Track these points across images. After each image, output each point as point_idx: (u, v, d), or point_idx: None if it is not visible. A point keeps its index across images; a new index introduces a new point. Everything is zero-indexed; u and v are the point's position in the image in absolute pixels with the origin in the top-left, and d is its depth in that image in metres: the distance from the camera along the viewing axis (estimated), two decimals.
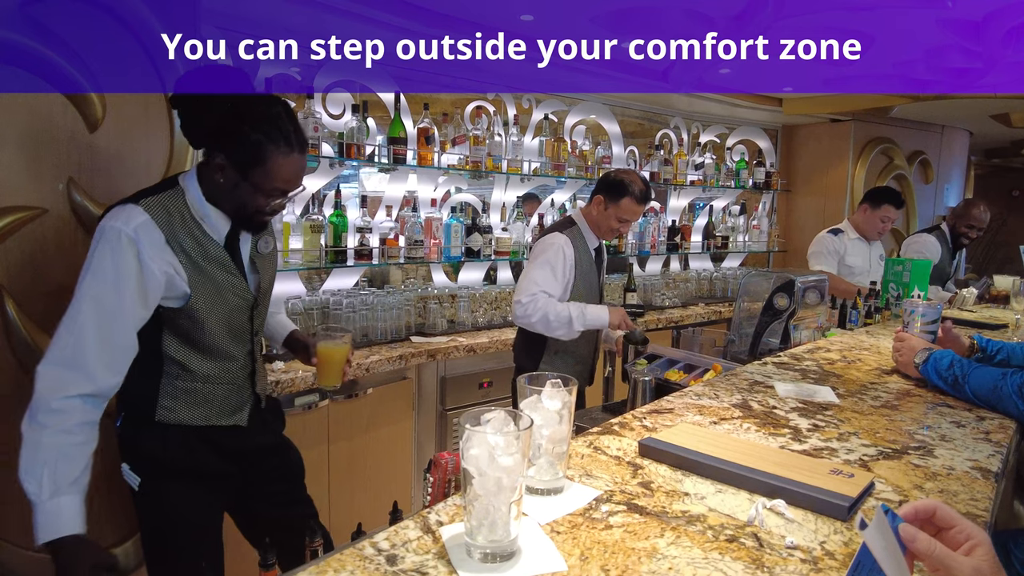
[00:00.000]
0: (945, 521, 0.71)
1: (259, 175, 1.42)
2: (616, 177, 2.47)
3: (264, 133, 1.39)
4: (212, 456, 1.57)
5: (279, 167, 1.42)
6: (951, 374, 1.68)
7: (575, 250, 2.47)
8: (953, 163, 6.03)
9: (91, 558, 1.34)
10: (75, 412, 1.34)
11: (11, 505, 1.70)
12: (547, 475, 1.06)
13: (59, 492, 1.32)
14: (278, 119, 1.41)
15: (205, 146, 1.46)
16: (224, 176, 1.43)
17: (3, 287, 1.64)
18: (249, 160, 1.40)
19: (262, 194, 1.44)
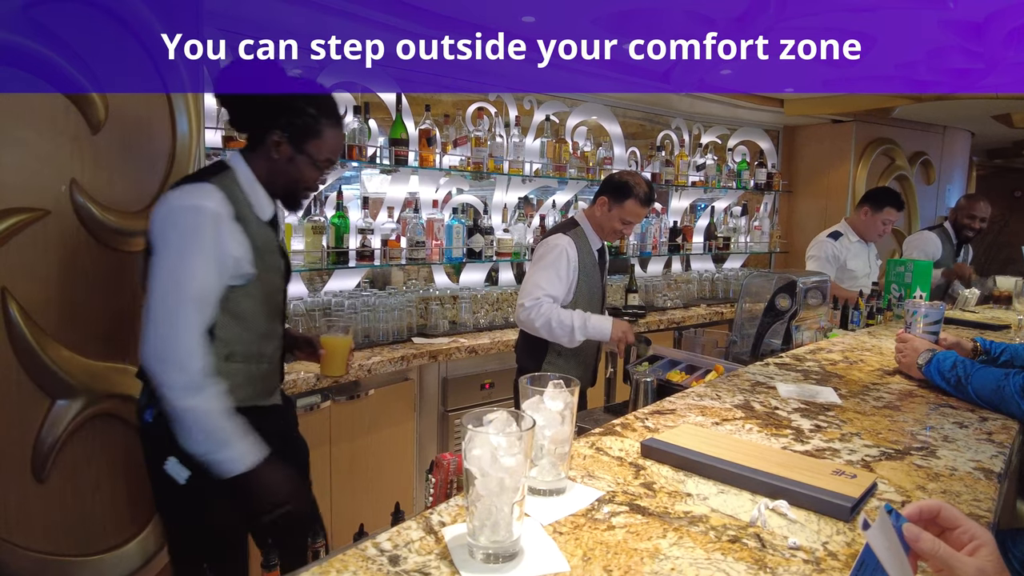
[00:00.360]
0: (949, 521, 0.71)
1: (313, 147, 1.59)
2: (620, 179, 2.47)
3: (319, 109, 1.59)
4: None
5: (329, 139, 1.62)
6: (954, 375, 1.67)
7: (578, 251, 2.46)
8: (955, 164, 6.03)
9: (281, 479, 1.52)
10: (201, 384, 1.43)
11: (12, 506, 1.70)
12: (549, 476, 1.06)
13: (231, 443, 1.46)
14: (329, 99, 1.64)
15: (259, 128, 1.59)
16: (279, 151, 1.58)
17: (6, 289, 1.64)
18: (307, 133, 1.58)
19: (314, 166, 1.61)
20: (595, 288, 2.57)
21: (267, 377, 1.69)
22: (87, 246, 1.77)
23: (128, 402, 1.85)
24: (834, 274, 3.66)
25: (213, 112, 2.55)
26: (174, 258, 1.44)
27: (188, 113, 1.91)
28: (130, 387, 1.85)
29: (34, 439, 1.72)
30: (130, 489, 1.90)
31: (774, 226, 5.18)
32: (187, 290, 1.42)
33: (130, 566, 1.90)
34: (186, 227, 1.45)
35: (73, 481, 1.80)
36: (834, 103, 4.64)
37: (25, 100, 1.65)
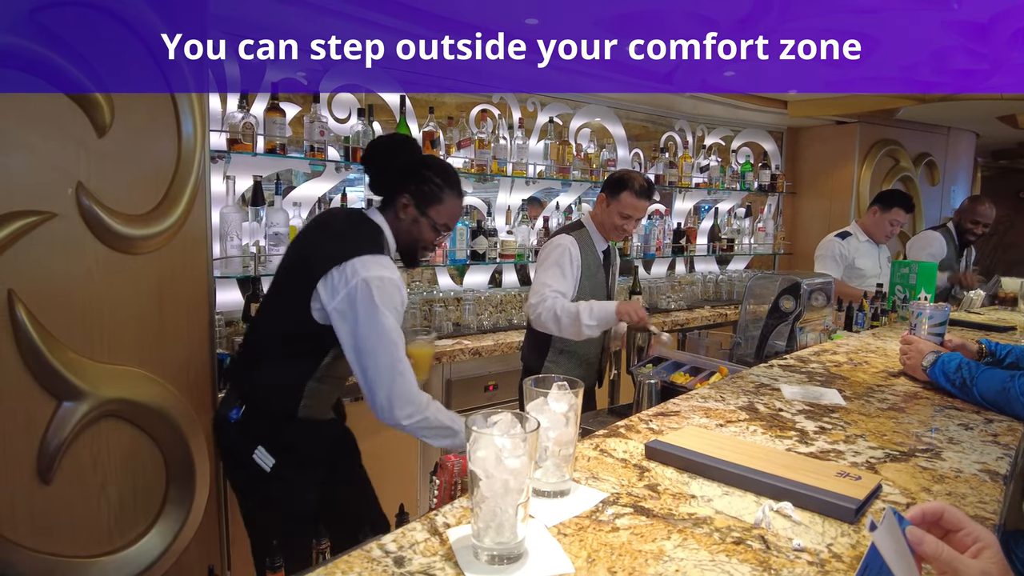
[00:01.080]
0: (953, 523, 0.71)
1: (435, 211, 1.81)
2: (617, 175, 2.49)
3: (443, 179, 1.81)
4: (319, 442, 1.85)
5: (450, 206, 1.83)
6: (959, 376, 1.67)
7: (581, 250, 2.48)
8: (959, 165, 6.01)
9: None
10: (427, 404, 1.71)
11: (18, 507, 1.71)
12: (554, 477, 1.06)
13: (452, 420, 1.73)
14: (452, 171, 1.85)
15: (395, 191, 1.80)
16: (406, 212, 1.80)
17: (13, 291, 1.65)
18: (430, 199, 1.80)
19: (433, 228, 1.82)
20: (599, 288, 2.57)
21: (338, 392, 1.93)
22: (93, 248, 1.78)
23: (135, 404, 1.86)
24: (841, 273, 3.66)
25: (218, 115, 2.56)
26: (379, 319, 1.65)
27: (193, 116, 1.92)
28: (135, 390, 1.86)
29: (40, 441, 1.73)
30: (136, 491, 1.91)
31: (778, 227, 5.18)
32: (396, 343, 1.67)
33: (135, 567, 1.91)
34: (382, 294, 1.66)
35: (79, 483, 1.81)
36: (838, 104, 4.63)
37: (32, 104, 1.66)
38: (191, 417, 1.97)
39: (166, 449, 1.95)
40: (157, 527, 1.95)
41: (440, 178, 1.80)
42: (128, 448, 1.89)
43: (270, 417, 1.75)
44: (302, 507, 1.79)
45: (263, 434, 1.74)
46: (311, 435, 1.80)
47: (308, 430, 1.79)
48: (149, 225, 1.86)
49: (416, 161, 1.81)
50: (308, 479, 1.81)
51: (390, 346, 1.66)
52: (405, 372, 1.68)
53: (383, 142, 1.85)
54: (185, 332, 1.98)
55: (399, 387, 1.66)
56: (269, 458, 1.73)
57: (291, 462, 1.75)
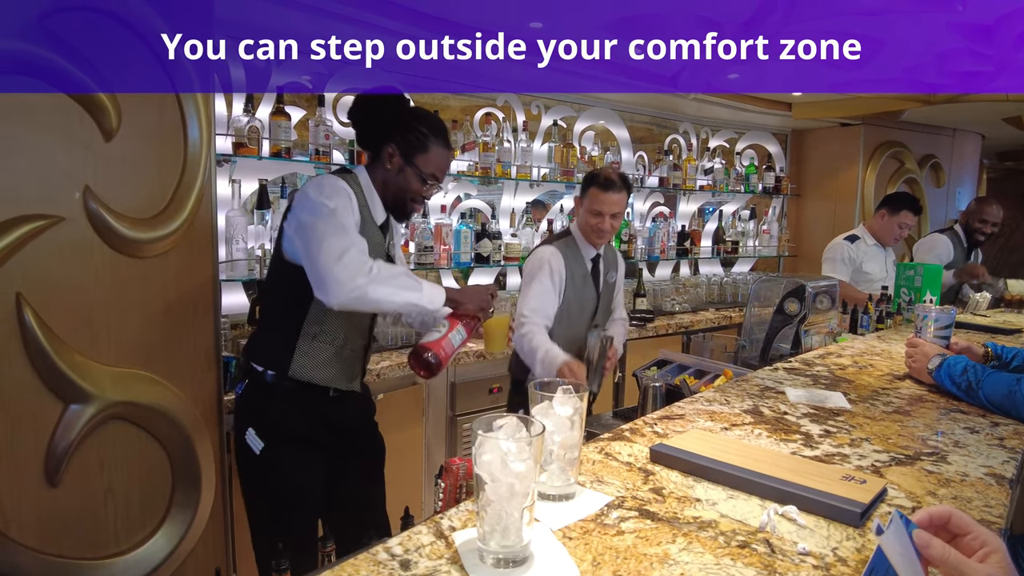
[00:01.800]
0: (960, 528, 0.71)
1: (421, 160, 1.80)
2: (589, 173, 2.45)
3: (429, 128, 1.81)
4: (324, 426, 1.82)
5: (436, 156, 1.82)
6: (965, 380, 1.66)
7: (565, 260, 2.38)
8: (965, 166, 5.99)
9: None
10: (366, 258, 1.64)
11: (26, 509, 1.72)
12: (559, 481, 1.06)
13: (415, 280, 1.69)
14: (440, 122, 1.86)
15: (379, 141, 1.81)
16: (392, 162, 1.80)
17: (21, 294, 1.66)
18: (416, 147, 1.79)
19: (421, 178, 1.81)
20: (587, 298, 2.47)
21: (349, 363, 1.86)
22: (100, 252, 1.79)
23: (141, 407, 1.87)
24: (849, 276, 3.65)
25: (223, 119, 2.57)
26: (315, 203, 1.64)
27: (199, 120, 1.93)
28: (141, 392, 1.87)
29: (47, 443, 1.73)
30: (142, 493, 1.92)
31: (783, 230, 5.17)
32: (332, 222, 1.61)
33: (142, 570, 1.91)
34: (326, 186, 1.67)
35: (86, 485, 1.81)
36: (842, 106, 4.63)
37: (40, 108, 1.67)
38: (197, 420, 1.97)
39: (172, 452, 1.96)
40: (163, 530, 1.95)
41: (426, 127, 1.80)
42: (134, 451, 1.89)
43: (265, 387, 1.76)
44: (291, 494, 1.75)
45: (255, 409, 1.76)
46: (303, 407, 1.77)
47: (300, 400, 1.76)
48: (155, 229, 1.87)
49: (403, 111, 1.82)
50: (299, 461, 1.77)
51: (321, 218, 1.62)
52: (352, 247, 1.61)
53: (370, 95, 1.85)
54: (191, 335, 1.99)
55: (348, 257, 1.58)
56: (258, 441, 1.74)
57: (280, 441, 1.74)
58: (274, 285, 1.85)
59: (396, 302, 1.64)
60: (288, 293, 1.75)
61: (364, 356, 1.94)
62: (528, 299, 2.32)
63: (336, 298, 1.58)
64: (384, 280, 1.60)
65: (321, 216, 1.63)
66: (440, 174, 1.85)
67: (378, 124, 1.82)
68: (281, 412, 1.76)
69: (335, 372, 1.82)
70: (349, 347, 1.84)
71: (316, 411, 1.80)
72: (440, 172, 1.85)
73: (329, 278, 1.57)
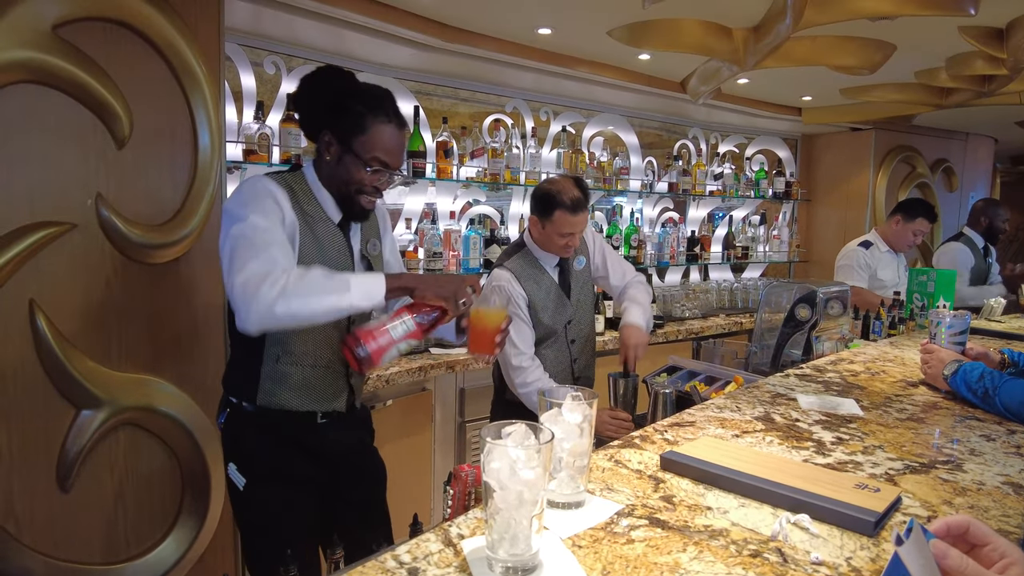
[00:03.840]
0: (978, 538, 0.69)
1: (360, 144, 1.53)
2: (544, 190, 2.11)
3: (365, 104, 1.53)
4: (306, 459, 1.62)
5: (378, 135, 1.53)
6: (981, 386, 1.64)
7: (524, 279, 2.15)
8: (978, 171, 5.94)
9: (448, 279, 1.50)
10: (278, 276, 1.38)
11: (38, 514, 1.73)
12: (568, 489, 1.05)
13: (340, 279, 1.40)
14: (380, 96, 1.56)
15: (318, 128, 1.57)
16: (330, 152, 1.56)
17: (34, 301, 1.68)
18: (352, 129, 1.53)
19: (362, 164, 1.54)
20: (560, 309, 2.23)
21: (327, 382, 1.62)
22: (112, 259, 1.80)
23: (151, 413, 1.88)
24: (866, 283, 3.62)
25: (234, 126, 2.59)
26: (230, 215, 1.45)
27: (210, 128, 1.95)
28: (153, 398, 1.88)
29: (59, 449, 1.75)
30: (152, 499, 1.93)
31: (793, 235, 5.14)
32: (251, 237, 1.40)
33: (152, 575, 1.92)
34: (244, 192, 1.48)
35: (96, 490, 1.82)
36: (853, 111, 4.60)
37: (53, 117, 1.69)
38: (206, 426, 1.98)
39: (182, 458, 1.97)
40: (173, 535, 1.96)
41: (361, 103, 1.52)
42: (145, 456, 1.90)
43: (244, 418, 1.58)
44: (279, 535, 1.57)
45: (235, 443, 1.61)
46: (282, 438, 1.58)
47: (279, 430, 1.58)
48: (166, 235, 1.88)
49: (340, 90, 1.54)
50: (284, 500, 1.58)
51: (239, 235, 1.40)
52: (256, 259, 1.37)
53: (309, 75, 1.60)
54: (201, 341, 2.00)
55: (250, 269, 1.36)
56: (240, 477, 1.58)
57: (262, 478, 1.57)
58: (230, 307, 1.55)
59: (319, 311, 1.37)
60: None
61: (346, 371, 1.67)
62: (511, 340, 2.07)
63: (246, 322, 1.35)
64: (297, 290, 1.34)
65: (232, 230, 1.43)
66: (388, 156, 1.55)
67: (314, 109, 1.58)
68: (259, 445, 1.59)
69: (310, 395, 1.60)
70: (322, 365, 1.61)
71: (298, 441, 1.61)
72: (388, 154, 1.55)
73: (235, 299, 1.37)
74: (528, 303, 2.14)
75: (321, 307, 1.37)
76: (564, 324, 2.26)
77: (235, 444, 1.61)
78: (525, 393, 2.11)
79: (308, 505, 1.64)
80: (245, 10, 2.42)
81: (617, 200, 4.42)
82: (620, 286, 2.42)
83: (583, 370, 2.35)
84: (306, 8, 2.49)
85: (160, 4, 1.81)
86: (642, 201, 4.36)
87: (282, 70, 2.74)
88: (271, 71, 2.72)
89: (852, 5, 2.39)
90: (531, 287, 2.15)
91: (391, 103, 1.57)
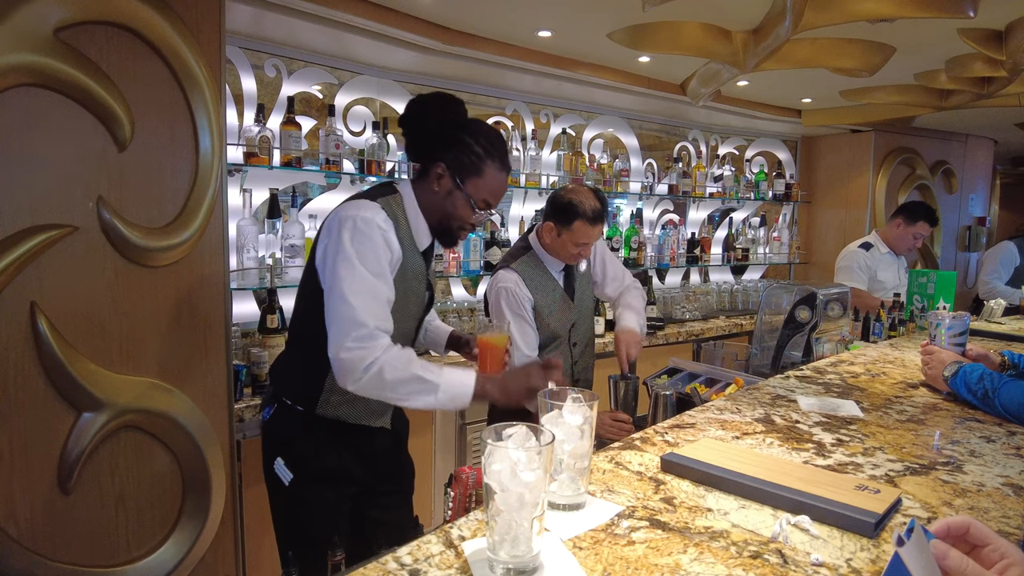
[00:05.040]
0: (979, 539, 0.69)
1: (472, 185, 1.58)
2: (564, 198, 2.11)
3: (484, 147, 1.58)
4: (353, 459, 1.68)
5: (492, 180, 1.59)
6: (981, 388, 1.64)
7: (531, 282, 2.15)
8: (978, 172, 5.95)
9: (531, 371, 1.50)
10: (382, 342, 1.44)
11: (38, 517, 1.73)
12: (569, 490, 1.05)
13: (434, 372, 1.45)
14: (498, 139, 1.61)
15: (427, 155, 1.61)
16: (440, 184, 1.59)
17: (36, 303, 1.68)
18: (468, 169, 1.57)
19: (470, 204, 1.59)
20: (564, 314, 2.23)
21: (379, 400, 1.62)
22: (113, 261, 1.80)
23: (152, 415, 1.88)
24: (866, 285, 3.63)
25: (234, 129, 2.60)
26: (340, 261, 1.46)
27: (211, 130, 1.95)
28: (154, 400, 1.88)
29: (60, 451, 1.75)
30: (153, 501, 1.93)
31: (793, 237, 5.14)
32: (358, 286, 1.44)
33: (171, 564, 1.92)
34: (350, 235, 1.47)
35: (97, 493, 1.82)
36: (853, 113, 4.61)
37: (55, 119, 1.69)
38: (207, 428, 1.98)
39: (183, 460, 1.97)
40: (173, 537, 1.96)
41: (482, 145, 1.57)
42: (146, 459, 1.90)
43: (294, 417, 1.64)
44: (317, 532, 1.63)
45: (285, 439, 1.66)
46: (333, 444, 1.65)
47: (331, 435, 1.64)
48: (167, 238, 1.88)
49: (456, 123, 1.58)
50: (328, 499, 1.65)
51: (345, 289, 1.43)
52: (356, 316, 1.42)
53: (422, 99, 1.61)
54: (202, 343, 2.00)
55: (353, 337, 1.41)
56: (287, 472, 1.63)
57: (309, 477, 1.64)
58: (304, 308, 1.64)
59: (406, 404, 1.48)
60: (320, 322, 1.50)
61: None
62: (516, 343, 2.08)
63: (342, 383, 1.46)
64: (384, 384, 1.42)
65: (340, 268, 1.45)
66: (495, 199, 1.62)
67: (427, 135, 1.59)
68: (312, 446, 1.64)
69: (363, 411, 1.67)
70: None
71: (348, 445, 1.68)
72: (495, 197, 1.62)
73: (334, 361, 1.44)
74: (533, 306, 2.14)
75: (407, 403, 1.47)
76: (568, 327, 2.26)
77: (283, 441, 1.66)
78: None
79: (347, 506, 1.71)
80: (246, 13, 2.42)
81: (617, 202, 4.42)
82: (617, 291, 2.44)
83: (582, 372, 2.35)
84: (307, 11, 2.49)
85: (161, 7, 1.81)
86: (642, 203, 4.36)
87: (283, 73, 2.75)
88: (272, 74, 2.73)
89: (851, 7, 2.40)
90: (537, 290, 2.16)
91: (504, 148, 1.62)
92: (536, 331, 2.15)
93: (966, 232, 5.94)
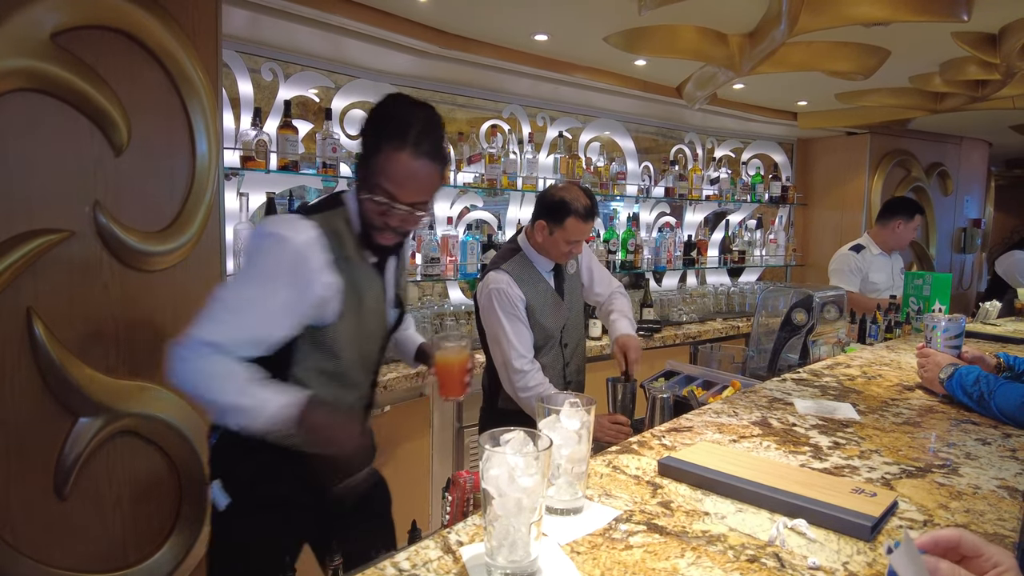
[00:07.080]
0: (972, 550, 0.70)
1: (373, 176, 1.33)
2: (555, 196, 2.10)
3: (380, 130, 1.33)
4: (303, 489, 1.46)
5: (388, 164, 1.31)
6: (977, 390, 1.65)
7: (523, 282, 2.14)
8: (973, 174, 5.97)
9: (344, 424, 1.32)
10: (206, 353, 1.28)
11: (35, 522, 1.73)
12: (566, 495, 1.05)
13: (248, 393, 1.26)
14: (401, 120, 1.33)
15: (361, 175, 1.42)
16: (356, 186, 1.40)
17: (32, 308, 1.68)
18: (367, 158, 1.34)
19: (378, 195, 1.34)
20: (557, 314, 2.23)
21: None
22: (110, 266, 1.80)
23: (148, 420, 1.88)
24: (858, 287, 3.64)
25: (231, 133, 2.59)
26: (242, 277, 1.34)
27: (207, 135, 1.95)
28: (151, 405, 1.88)
29: (57, 456, 1.74)
30: (149, 507, 1.92)
31: (790, 239, 5.16)
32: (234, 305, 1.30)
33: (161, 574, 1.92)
34: (262, 250, 1.32)
35: (94, 498, 1.82)
36: (848, 115, 4.62)
37: (51, 123, 1.69)
38: (203, 433, 1.98)
39: (179, 465, 1.96)
40: (170, 543, 1.96)
41: (378, 129, 1.35)
42: (142, 464, 1.90)
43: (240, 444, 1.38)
44: (255, 565, 1.41)
45: (229, 465, 1.47)
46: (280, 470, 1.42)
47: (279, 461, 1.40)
48: (164, 242, 1.88)
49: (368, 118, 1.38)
50: (270, 527, 1.45)
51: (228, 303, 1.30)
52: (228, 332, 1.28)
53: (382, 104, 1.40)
54: None
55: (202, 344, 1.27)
56: (223, 496, 1.44)
57: (252, 507, 1.44)
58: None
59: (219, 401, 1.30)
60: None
61: (365, 414, 1.59)
62: (511, 340, 2.08)
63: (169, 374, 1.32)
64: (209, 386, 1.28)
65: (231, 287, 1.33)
66: (404, 191, 1.33)
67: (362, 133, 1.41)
68: (255, 473, 1.45)
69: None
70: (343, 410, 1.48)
71: (293, 475, 1.43)
72: (393, 183, 1.32)
73: (171, 348, 1.30)
74: (526, 305, 2.14)
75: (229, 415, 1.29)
76: (560, 328, 2.26)
77: (226, 466, 1.47)
78: (526, 398, 2.10)
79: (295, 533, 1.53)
80: (243, 17, 2.42)
81: (614, 205, 4.43)
82: (605, 296, 2.46)
83: (574, 375, 2.35)
84: (304, 15, 2.49)
85: (158, 12, 1.82)
86: (639, 206, 4.37)
87: (279, 76, 2.75)
88: (268, 78, 2.73)
89: (846, 11, 2.41)
90: (529, 290, 2.15)
91: (414, 126, 1.33)
92: (531, 331, 2.15)
93: (961, 234, 5.96)
